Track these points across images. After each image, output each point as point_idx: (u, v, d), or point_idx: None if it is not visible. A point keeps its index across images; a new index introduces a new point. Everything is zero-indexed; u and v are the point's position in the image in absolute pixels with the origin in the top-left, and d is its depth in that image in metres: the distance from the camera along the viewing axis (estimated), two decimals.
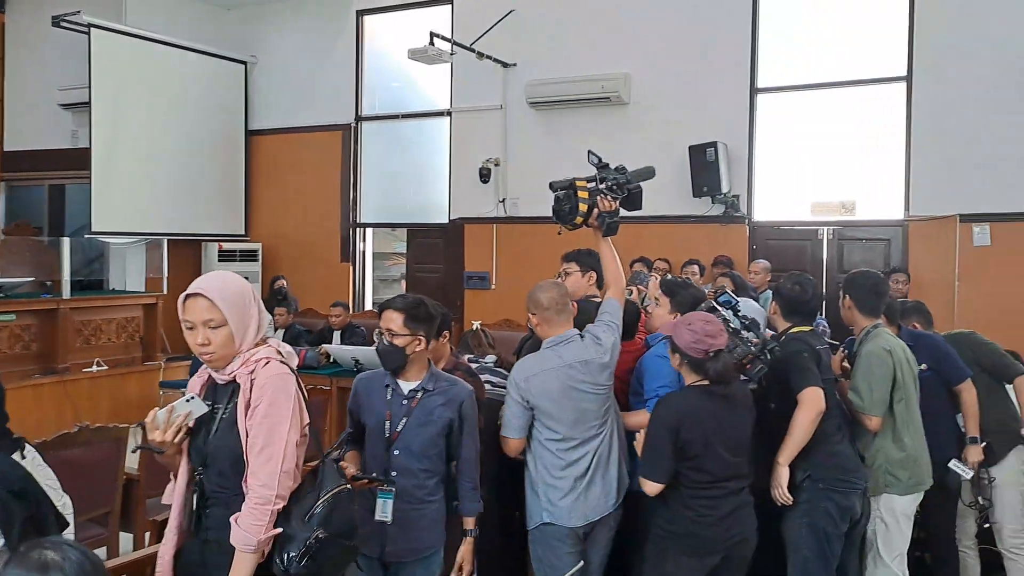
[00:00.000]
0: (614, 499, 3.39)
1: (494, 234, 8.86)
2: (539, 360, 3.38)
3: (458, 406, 3.11)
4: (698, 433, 3.12)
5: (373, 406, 3.14)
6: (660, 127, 8.01)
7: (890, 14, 7.30)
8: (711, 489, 3.14)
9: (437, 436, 3.10)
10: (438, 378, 3.17)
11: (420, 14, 9.40)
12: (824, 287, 7.43)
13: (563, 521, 3.32)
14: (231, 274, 2.51)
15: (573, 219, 3.41)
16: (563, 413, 3.31)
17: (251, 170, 10.56)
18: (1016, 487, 4.23)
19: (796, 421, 3.39)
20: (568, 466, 3.32)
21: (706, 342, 3.11)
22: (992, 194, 6.83)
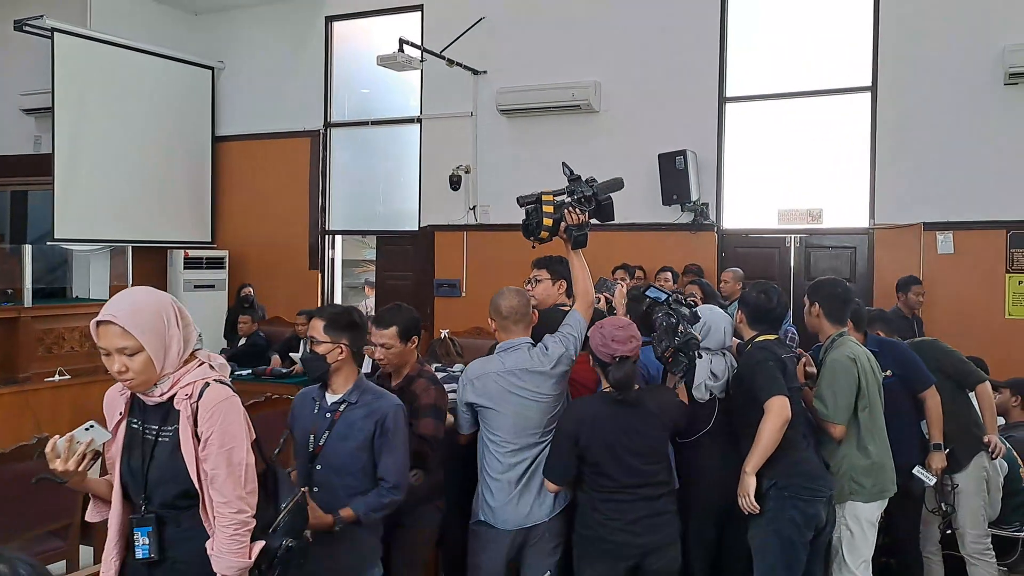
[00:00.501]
0: (549, 508, 3.38)
1: (464, 241, 8.84)
2: (485, 363, 3.48)
3: (381, 419, 3.01)
4: (598, 439, 3.17)
5: (302, 419, 3.13)
6: (630, 135, 8.05)
7: (855, 26, 7.38)
8: (619, 494, 3.18)
9: (358, 450, 3.00)
10: (365, 390, 3.10)
11: (390, 21, 9.36)
12: (792, 294, 7.48)
13: (495, 523, 3.38)
14: (144, 293, 2.37)
15: (539, 234, 3.42)
16: (502, 418, 3.37)
17: (218, 177, 10.46)
18: (978, 493, 4.28)
19: (763, 430, 3.39)
20: (506, 470, 3.37)
21: (612, 347, 3.12)
22: (955, 202, 6.93)
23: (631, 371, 3.14)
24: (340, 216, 9.99)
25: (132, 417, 2.39)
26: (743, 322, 3.76)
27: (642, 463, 3.19)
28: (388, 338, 3.37)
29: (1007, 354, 6.32)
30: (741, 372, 3.62)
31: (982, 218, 6.85)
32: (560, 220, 3.40)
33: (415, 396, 3.36)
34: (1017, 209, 6.75)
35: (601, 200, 3.48)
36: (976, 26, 6.85)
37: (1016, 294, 6.76)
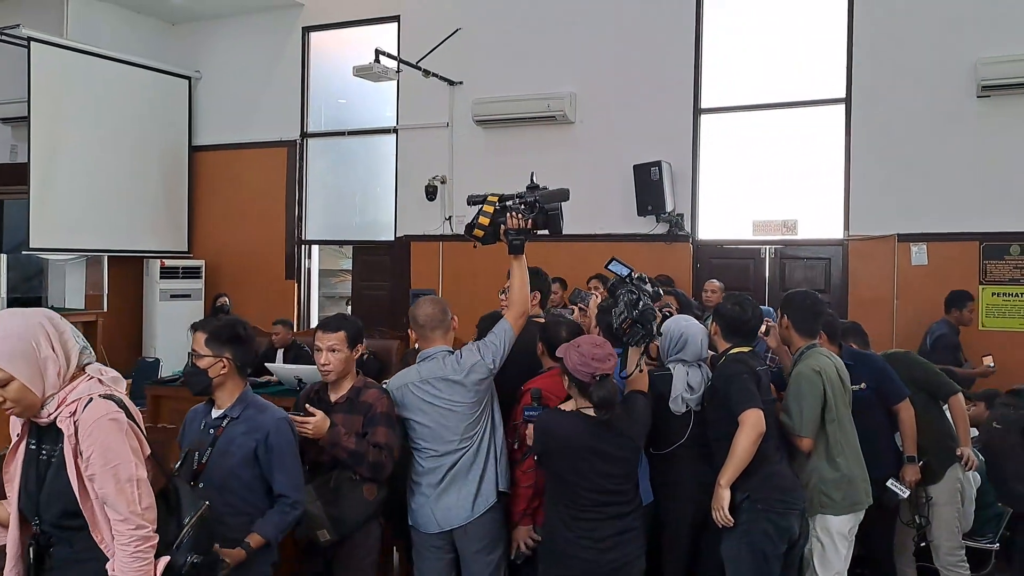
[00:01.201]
0: (468, 511, 3.41)
1: (440, 252, 8.81)
2: (404, 374, 3.55)
3: (264, 435, 2.94)
4: (570, 460, 3.16)
5: (190, 436, 3.07)
6: (605, 146, 8.06)
7: (829, 37, 7.43)
8: (588, 512, 3.16)
9: (238, 468, 2.92)
10: (248, 404, 3.03)
11: (366, 31, 9.34)
12: (767, 305, 7.50)
13: (419, 526, 3.48)
14: (9, 318, 2.29)
15: (473, 232, 3.42)
16: (421, 427, 3.45)
17: (195, 186, 10.41)
18: (952, 505, 4.29)
19: (737, 442, 3.39)
20: (425, 473, 3.45)
21: (592, 365, 3.08)
22: (929, 214, 6.97)
23: (613, 388, 3.11)
24: (316, 226, 9.95)
25: (30, 438, 2.35)
26: (718, 334, 3.75)
27: (613, 484, 3.18)
28: (337, 341, 3.34)
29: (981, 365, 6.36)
30: (715, 384, 3.61)
31: (956, 229, 6.89)
32: (500, 223, 3.39)
33: (369, 406, 3.34)
34: (990, 221, 6.79)
35: (547, 209, 3.45)
36: (949, 39, 6.90)
37: (990, 305, 6.81)
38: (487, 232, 3.40)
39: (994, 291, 6.80)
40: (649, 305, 3.34)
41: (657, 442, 3.70)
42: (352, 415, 3.35)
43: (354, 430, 3.29)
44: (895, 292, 7.07)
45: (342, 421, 3.30)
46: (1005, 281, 6.78)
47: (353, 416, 3.34)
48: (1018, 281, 6.73)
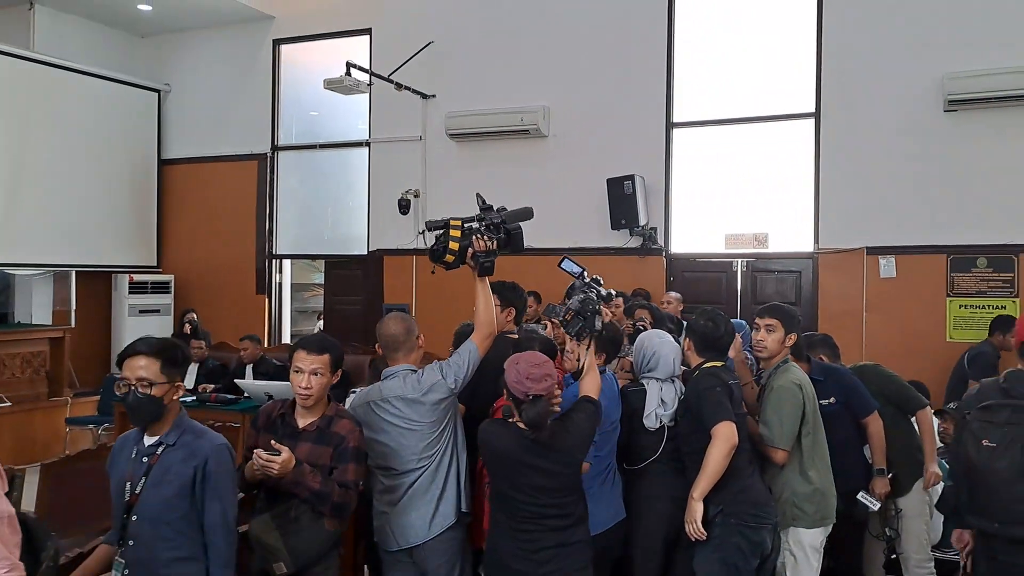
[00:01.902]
0: (426, 530, 3.38)
1: (413, 266, 8.78)
2: (367, 392, 3.54)
3: (201, 463, 2.76)
4: (506, 475, 3.15)
5: (120, 466, 2.86)
6: (579, 160, 8.09)
7: (799, 53, 7.51)
8: (528, 524, 3.14)
9: (176, 498, 2.73)
10: (185, 429, 2.84)
11: (338, 44, 9.31)
12: (739, 318, 7.54)
13: (381, 542, 3.48)
14: None
15: (444, 258, 3.39)
16: (380, 445, 3.42)
17: (164, 200, 10.32)
18: (921, 518, 4.32)
19: (710, 456, 3.39)
20: (384, 492, 3.45)
21: (525, 384, 3.04)
22: (898, 227, 7.04)
23: (544, 410, 3.06)
24: (288, 240, 9.87)
25: None
26: (691, 349, 3.76)
27: (550, 497, 3.15)
28: (321, 364, 3.19)
29: (948, 377, 6.42)
30: (688, 398, 3.62)
31: (923, 243, 6.97)
32: (467, 246, 3.39)
33: (340, 439, 3.17)
34: (957, 234, 6.88)
35: (511, 229, 3.47)
36: (916, 54, 7.00)
37: (957, 318, 6.88)
38: (456, 256, 3.39)
39: (961, 303, 6.88)
40: (591, 299, 3.39)
41: (631, 457, 3.71)
42: (321, 446, 3.17)
43: (321, 462, 3.13)
44: (864, 304, 7.13)
45: (309, 451, 3.14)
46: (972, 293, 6.85)
47: (322, 447, 3.16)
48: (984, 294, 6.81)
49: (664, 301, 6.97)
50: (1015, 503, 3.00)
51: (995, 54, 6.69)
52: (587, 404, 3.29)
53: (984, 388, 3.33)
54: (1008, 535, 3.06)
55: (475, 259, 3.40)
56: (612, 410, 3.60)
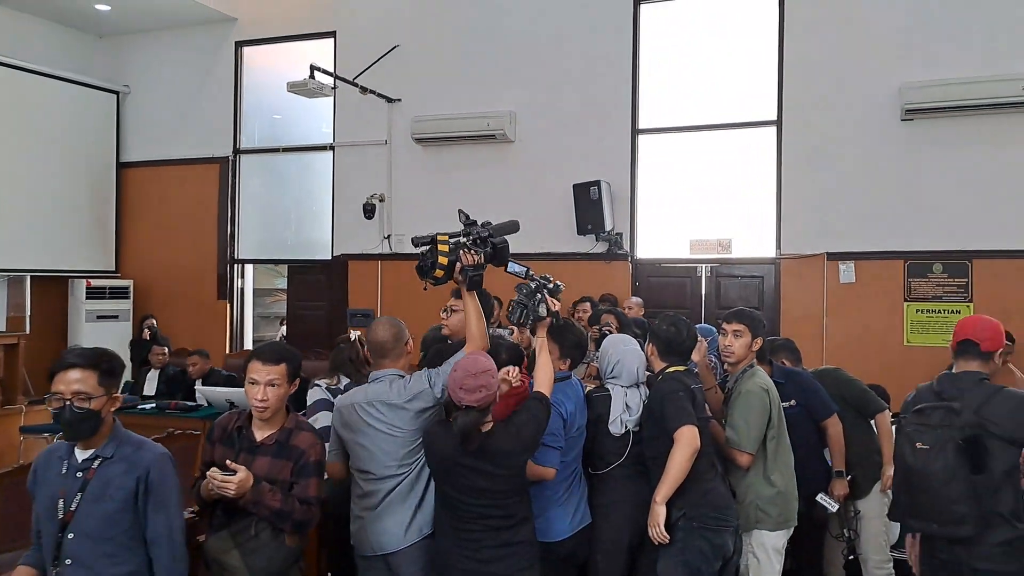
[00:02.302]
0: (400, 537, 3.36)
1: (379, 271, 8.74)
2: (353, 393, 3.53)
3: (143, 474, 2.67)
4: (445, 476, 3.18)
5: (48, 483, 2.73)
6: (545, 165, 8.11)
7: (762, 62, 7.60)
8: (471, 524, 3.16)
9: (118, 513, 2.64)
10: (122, 441, 2.72)
11: (301, 46, 9.25)
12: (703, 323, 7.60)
13: (357, 547, 3.45)
14: None
15: (433, 273, 3.39)
16: (360, 448, 3.40)
17: (123, 204, 10.16)
18: (880, 519, 4.39)
19: (673, 460, 3.41)
20: (363, 496, 3.41)
21: (458, 394, 3.05)
22: (856, 233, 7.15)
23: (475, 421, 3.05)
24: (250, 244, 9.76)
25: None
26: (654, 354, 3.78)
27: (493, 500, 3.16)
28: (278, 375, 3.08)
29: (906, 380, 6.48)
30: (651, 403, 3.64)
31: (882, 248, 7.09)
32: (455, 261, 3.39)
33: (301, 452, 3.09)
34: (914, 240, 7.00)
35: (496, 243, 3.49)
36: (874, 65, 7.12)
37: (914, 322, 7.00)
38: (445, 271, 3.39)
39: (918, 308, 7.00)
40: (528, 287, 3.49)
41: (595, 462, 3.72)
42: (280, 460, 3.07)
43: (281, 477, 3.04)
44: (824, 309, 7.23)
45: (268, 466, 3.05)
46: (928, 298, 6.98)
47: (281, 461, 3.07)
48: (940, 299, 6.94)
49: (625, 307, 7.02)
50: (951, 503, 3.04)
51: (950, 65, 6.84)
52: (535, 404, 3.27)
53: (920, 392, 3.40)
54: (946, 535, 3.11)
55: (464, 273, 3.40)
56: (578, 416, 3.61)
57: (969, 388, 3.18)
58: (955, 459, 3.05)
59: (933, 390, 3.31)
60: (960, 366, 3.30)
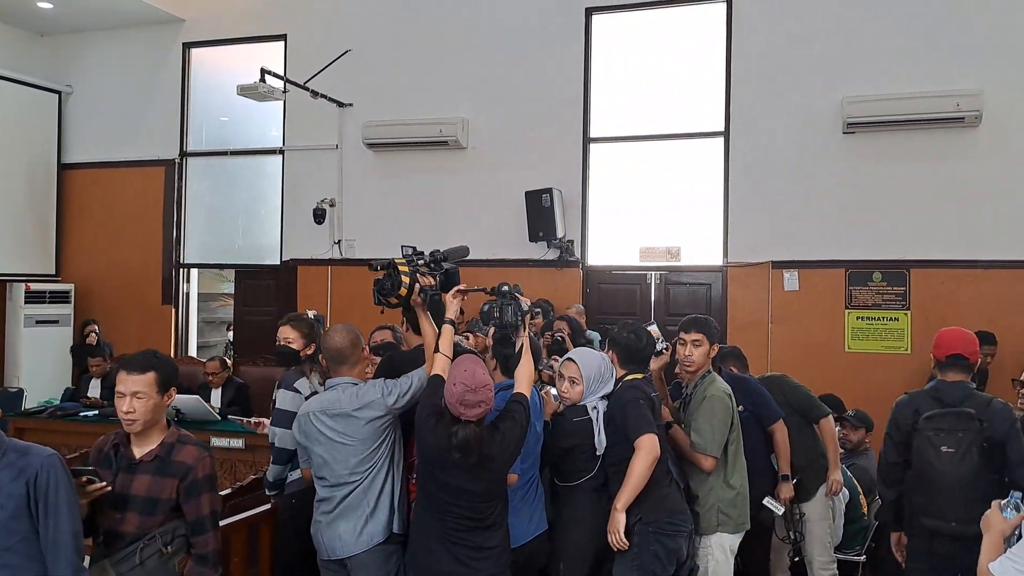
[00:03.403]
0: (353, 541, 3.39)
1: (328, 276, 8.68)
2: (309, 402, 3.56)
3: (32, 477, 2.58)
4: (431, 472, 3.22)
5: None
6: (497, 172, 8.15)
7: (710, 75, 7.74)
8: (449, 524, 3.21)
9: (11, 521, 2.54)
10: (7, 448, 2.63)
11: (251, 49, 9.16)
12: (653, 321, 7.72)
13: (317, 547, 3.51)
14: None
15: (397, 292, 3.46)
16: (315, 455, 3.47)
17: (64, 206, 9.93)
18: (824, 521, 4.53)
19: (633, 467, 3.46)
20: (320, 500, 3.50)
21: (458, 408, 3.06)
22: (800, 242, 7.32)
23: (475, 435, 3.07)
24: (196, 248, 9.61)
25: None
26: (614, 361, 3.82)
27: (474, 502, 3.20)
28: (144, 386, 2.88)
29: (848, 385, 6.71)
30: (612, 411, 3.66)
31: (824, 257, 7.26)
32: (415, 282, 3.48)
33: (187, 469, 2.90)
34: (855, 250, 7.19)
35: (448, 268, 3.63)
36: (818, 79, 7.30)
37: (855, 329, 7.20)
38: (408, 292, 3.48)
39: (858, 315, 7.20)
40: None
41: (566, 475, 3.72)
42: (162, 477, 2.89)
43: (164, 496, 2.87)
44: (769, 316, 7.39)
45: (149, 485, 2.87)
46: (868, 306, 7.18)
47: (164, 479, 2.88)
48: (880, 306, 7.15)
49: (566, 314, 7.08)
50: (972, 503, 3.18)
51: (890, 81, 7.05)
52: (517, 407, 3.30)
53: (915, 398, 3.60)
54: (960, 533, 3.27)
55: (423, 294, 3.49)
56: (536, 421, 3.61)
57: (968, 396, 3.48)
58: (979, 461, 3.30)
59: (933, 397, 3.52)
60: (949, 376, 3.58)
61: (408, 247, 3.64)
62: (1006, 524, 2.43)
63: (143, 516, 2.87)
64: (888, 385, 6.87)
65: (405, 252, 3.61)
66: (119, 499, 2.88)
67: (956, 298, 6.91)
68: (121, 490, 2.89)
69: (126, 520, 2.86)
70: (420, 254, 3.61)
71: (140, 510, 2.87)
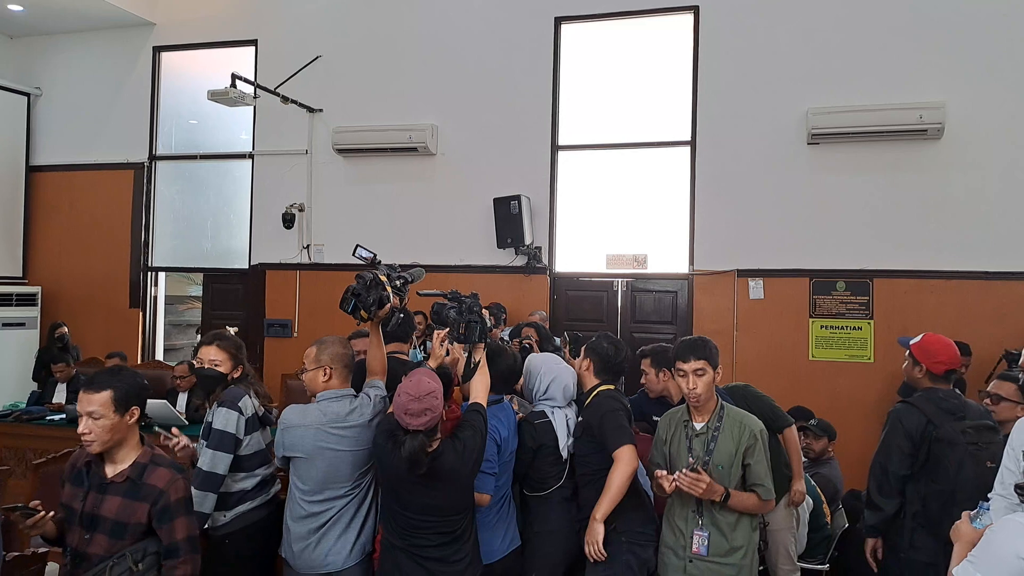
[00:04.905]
0: (345, 556, 3.38)
1: (297, 281, 8.67)
2: (303, 414, 3.43)
3: None
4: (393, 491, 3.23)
5: None
6: (466, 179, 8.18)
7: (677, 84, 7.81)
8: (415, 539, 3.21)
9: None
10: None
11: (222, 54, 9.13)
12: (619, 336, 7.76)
13: (293, 564, 3.42)
14: None
15: (379, 311, 3.51)
16: (311, 470, 3.37)
17: (32, 208, 9.83)
18: (788, 530, 4.57)
19: (613, 479, 3.45)
20: (306, 516, 3.38)
21: (404, 419, 3.04)
22: (765, 251, 7.41)
23: (422, 445, 3.03)
24: (165, 252, 9.55)
25: None
26: (589, 370, 3.83)
27: (438, 516, 3.20)
28: (99, 405, 2.76)
29: (811, 394, 6.82)
30: (588, 420, 3.65)
31: (789, 266, 7.35)
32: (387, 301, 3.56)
33: (159, 493, 2.80)
34: (819, 259, 7.28)
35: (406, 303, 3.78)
36: (782, 91, 7.40)
37: (818, 337, 7.29)
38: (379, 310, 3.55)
39: (822, 324, 7.29)
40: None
41: (533, 485, 3.74)
42: (133, 501, 2.79)
43: (135, 520, 2.78)
44: (735, 324, 7.46)
45: (119, 507, 2.78)
46: (832, 315, 7.27)
47: (135, 503, 2.79)
48: (843, 315, 7.25)
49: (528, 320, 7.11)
50: None
51: (855, 93, 7.15)
52: (475, 416, 3.30)
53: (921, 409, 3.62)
54: None
55: (391, 313, 3.60)
56: (511, 440, 3.62)
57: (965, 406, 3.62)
58: None
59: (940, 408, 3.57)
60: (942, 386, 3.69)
61: (364, 248, 3.66)
62: (975, 534, 2.50)
63: (112, 539, 2.78)
64: (851, 394, 7.01)
65: (361, 254, 3.63)
66: (88, 519, 2.80)
67: (919, 308, 7.01)
68: (91, 510, 2.80)
69: (94, 541, 2.78)
70: (379, 262, 3.66)
71: (109, 533, 2.78)
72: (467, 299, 3.59)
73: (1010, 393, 3.87)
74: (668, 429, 3.55)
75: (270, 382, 7.29)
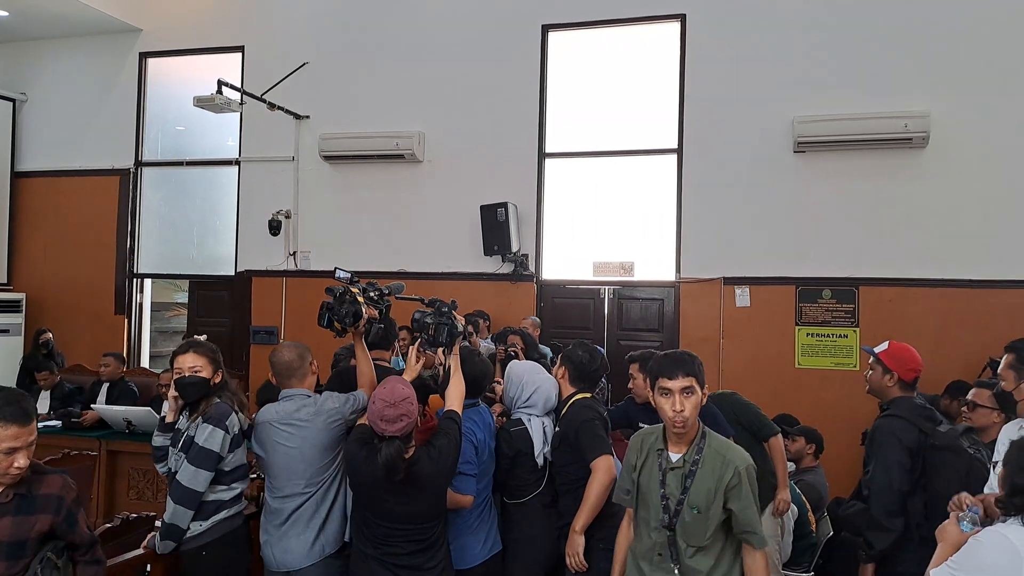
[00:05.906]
0: (305, 553, 3.43)
1: (283, 287, 8.64)
2: (267, 411, 3.54)
3: None
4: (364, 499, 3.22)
5: None
6: (453, 186, 8.17)
7: (664, 92, 7.83)
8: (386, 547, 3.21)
9: None
10: None
11: (209, 60, 9.10)
12: (605, 343, 7.79)
13: (265, 560, 3.53)
14: None
15: (356, 323, 3.58)
16: (271, 465, 3.51)
17: (17, 214, 9.78)
18: (772, 539, 4.57)
19: (591, 489, 3.46)
20: (272, 512, 3.51)
21: (379, 425, 3.04)
22: (751, 259, 7.42)
23: (399, 452, 3.03)
24: (150, 259, 9.50)
25: None
26: (565, 378, 3.84)
27: (412, 524, 3.20)
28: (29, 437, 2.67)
29: (797, 401, 6.83)
30: (565, 430, 3.66)
31: (775, 274, 7.37)
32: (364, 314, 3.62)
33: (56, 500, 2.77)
34: (805, 267, 7.30)
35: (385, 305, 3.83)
36: (769, 99, 7.42)
37: (805, 345, 7.31)
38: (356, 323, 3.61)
39: (808, 332, 7.31)
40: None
41: (512, 492, 3.74)
42: (29, 516, 2.70)
43: (31, 536, 2.69)
44: (721, 332, 7.47)
45: (11, 527, 2.65)
46: (818, 323, 7.29)
47: (31, 517, 2.69)
48: (829, 323, 7.27)
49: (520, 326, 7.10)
50: None
51: (841, 101, 7.17)
52: (449, 424, 3.29)
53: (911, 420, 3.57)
54: None
55: (369, 324, 3.67)
56: (488, 441, 3.63)
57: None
58: None
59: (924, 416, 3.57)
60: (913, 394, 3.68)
61: (342, 269, 3.73)
62: (961, 537, 2.51)
63: (9, 561, 2.65)
64: (837, 402, 7.01)
65: (339, 275, 3.69)
66: None
67: (904, 316, 7.03)
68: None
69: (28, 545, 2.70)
70: (357, 280, 3.72)
71: (6, 556, 2.65)
72: (442, 304, 3.65)
73: (985, 400, 3.90)
74: (639, 454, 3.02)
75: (256, 389, 7.25)
